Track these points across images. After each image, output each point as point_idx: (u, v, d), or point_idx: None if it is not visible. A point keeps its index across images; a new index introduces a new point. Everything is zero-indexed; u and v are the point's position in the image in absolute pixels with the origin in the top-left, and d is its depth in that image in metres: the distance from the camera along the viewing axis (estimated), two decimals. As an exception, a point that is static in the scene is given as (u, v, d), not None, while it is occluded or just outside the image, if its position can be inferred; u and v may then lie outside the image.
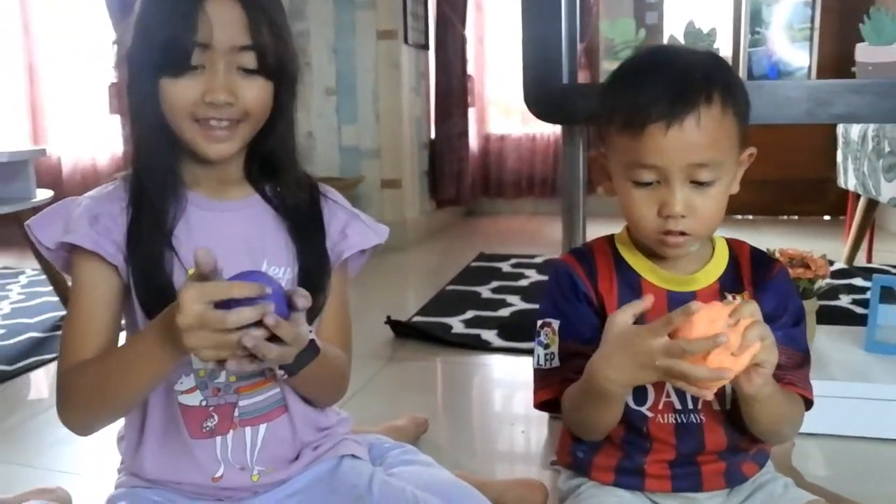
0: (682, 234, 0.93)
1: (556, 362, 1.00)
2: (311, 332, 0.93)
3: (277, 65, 0.95)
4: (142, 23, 0.93)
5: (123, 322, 1.02)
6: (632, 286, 1.01)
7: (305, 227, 1.04)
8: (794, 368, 0.98)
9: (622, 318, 0.90)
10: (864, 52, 1.60)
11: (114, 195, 0.98)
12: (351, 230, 1.08)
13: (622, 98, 0.93)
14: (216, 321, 0.80)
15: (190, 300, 0.80)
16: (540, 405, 1.03)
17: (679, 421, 1.00)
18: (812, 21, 1.64)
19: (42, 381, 2.13)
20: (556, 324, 1.01)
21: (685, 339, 0.82)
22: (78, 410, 0.96)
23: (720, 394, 0.99)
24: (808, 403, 1.01)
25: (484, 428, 1.82)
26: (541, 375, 1.03)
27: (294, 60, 0.99)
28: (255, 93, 0.94)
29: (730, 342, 0.81)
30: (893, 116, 1.47)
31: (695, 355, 0.81)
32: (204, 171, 1.00)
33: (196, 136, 0.94)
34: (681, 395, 1.00)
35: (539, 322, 1.03)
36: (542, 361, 1.02)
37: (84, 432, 0.99)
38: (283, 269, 1.01)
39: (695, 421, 1.00)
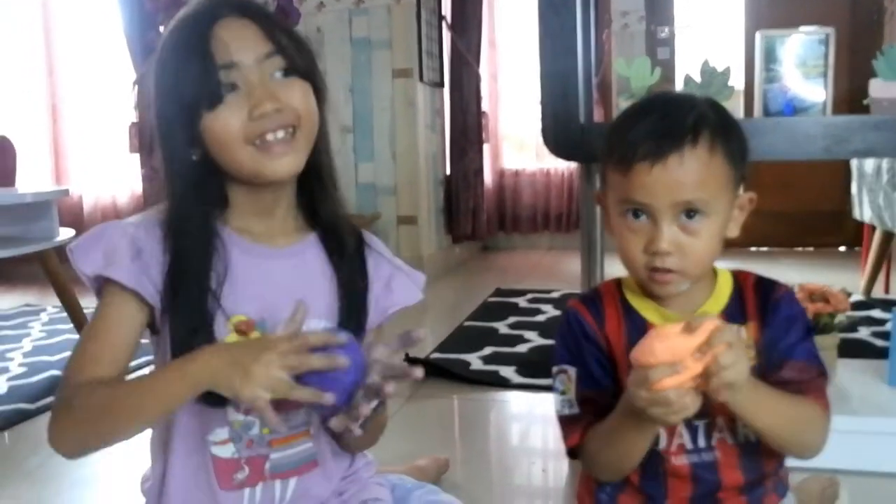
0: (670, 271, 0.94)
1: (575, 409, 1.01)
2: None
3: (305, 65, 0.95)
4: (165, 64, 0.93)
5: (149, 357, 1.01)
6: (638, 329, 1.00)
7: (352, 280, 1.02)
8: (811, 380, 0.98)
9: None
10: (878, 88, 1.61)
11: (157, 230, 0.95)
12: (396, 284, 1.07)
13: (616, 136, 0.97)
14: (286, 387, 0.82)
15: (274, 361, 0.81)
16: (570, 453, 1.03)
17: (693, 461, 1.00)
18: (826, 57, 1.66)
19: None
20: (571, 371, 1.02)
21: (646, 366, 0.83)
22: (75, 428, 0.91)
23: (732, 428, 0.99)
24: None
25: (504, 466, 1.81)
26: (564, 422, 1.02)
27: (317, 67, 0.98)
28: (297, 92, 0.93)
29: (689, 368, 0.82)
30: (911, 152, 1.48)
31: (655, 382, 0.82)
32: (256, 208, 0.98)
33: (256, 158, 0.91)
34: (692, 434, 1.00)
35: (554, 369, 1.04)
36: (560, 408, 1.02)
37: (70, 454, 0.94)
38: (319, 322, 0.98)
39: (709, 459, 1.00)
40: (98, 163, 4.60)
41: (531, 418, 2.09)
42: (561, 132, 1.55)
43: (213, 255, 0.95)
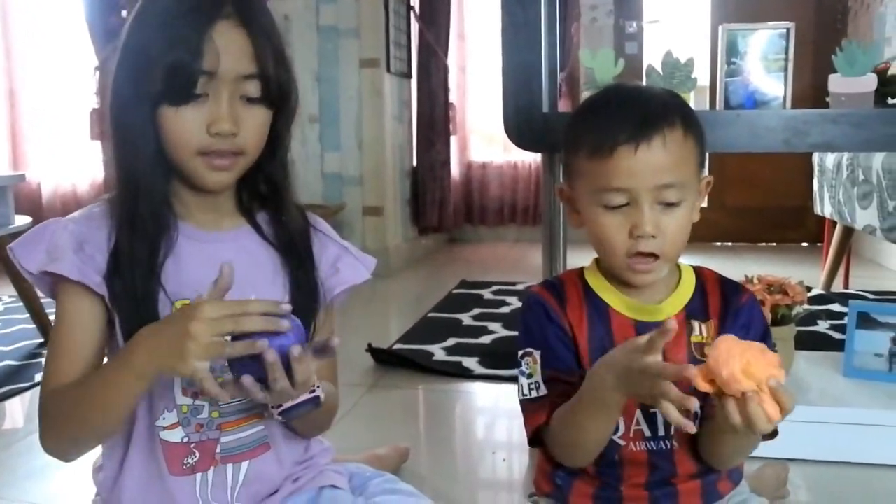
0: (652, 255, 0.95)
1: (542, 390, 1.01)
2: (318, 386, 0.92)
3: (279, 93, 0.94)
4: (138, 48, 0.91)
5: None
6: (601, 316, 1.02)
7: (297, 260, 1.02)
8: None
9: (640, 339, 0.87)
10: (837, 83, 1.62)
11: (99, 220, 0.95)
12: (342, 264, 1.07)
13: (589, 126, 0.98)
14: (220, 349, 0.82)
15: (203, 332, 0.81)
16: (533, 436, 1.03)
17: (650, 448, 1.01)
18: (786, 52, 1.67)
19: (18, 411, 2.10)
20: (536, 353, 1.02)
21: (663, 363, 0.82)
22: (60, 434, 0.94)
23: (688, 418, 1.00)
24: (774, 430, 1.01)
25: (465, 456, 1.81)
26: (529, 405, 1.02)
27: (294, 88, 0.98)
28: (256, 122, 0.93)
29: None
30: (868, 146, 1.50)
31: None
32: (197, 200, 0.98)
33: (199, 166, 0.92)
34: (651, 422, 1.01)
35: (520, 353, 1.04)
36: (527, 391, 1.02)
37: (66, 457, 0.97)
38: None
39: (665, 447, 1.02)
40: (58, 150, 4.51)
41: (493, 409, 2.09)
42: (523, 122, 1.55)
43: (159, 237, 0.94)
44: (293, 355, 0.83)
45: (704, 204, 0.91)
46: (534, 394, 1.01)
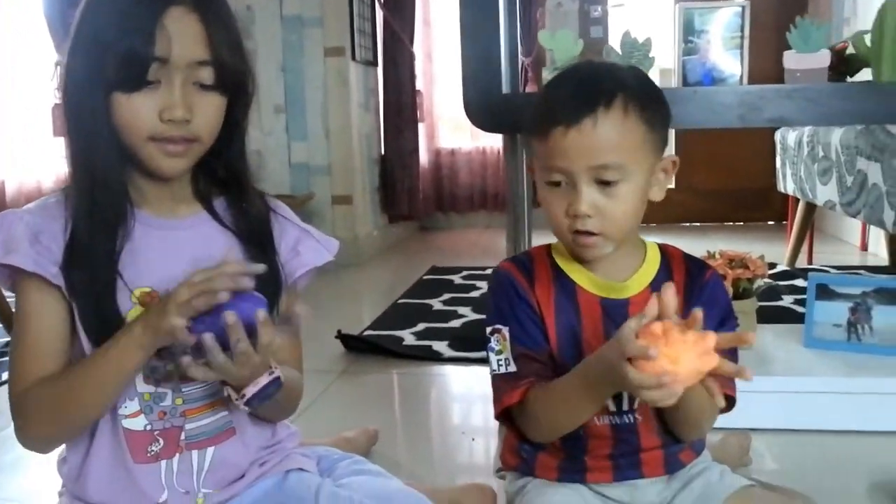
0: (591, 234, 0.96)
1: (511, 367, 1.01)
2: (276, 369, 0.92)
3: (233, 80, 0.94)
4: (90, 36, 0.90)
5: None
6: (568, 294, 1.03)
7: (257, 245, 1.02)
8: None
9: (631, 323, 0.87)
10: (791, 60, 1.66)
11: (55, 211, 0.95)
12: (303, 247, 1.07)
13: (536, 107, 1.00)
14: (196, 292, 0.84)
15: (182, 292, 0.84)
16: (503, 412, 1.03)
17: (614, 422, 1.03)
18: (742, 30, 1.70)
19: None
20: (505, 330, 1.03)
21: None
22: (41, 427, 0.94)
23: None
24: (732, 401, 1.03)
25: (435, 438, 1.83)
26: (500, 381, 1.03)
27: (250, 74, 0.98)
28: (210, 109, 0.93)
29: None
30: (822, 120, 1.53)
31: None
32: (153, 187, 0.97)
33: (153, 152, 0.91)
34: (617, 397, 1.02)
35: (488, 329, 1.05)
36: (496, 367, 1.03)
37: (46, 449, 0.98)
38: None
39: (629, 421, 1.03)
40: (21, 147, 4.44)
41: (463, 391, 2.11)
42: (484, 103, 1.56)
43: (116, 224, 0.94)
44: (258, 318, 0.84)
45: (672, 185, 0.92)
46: (503, 370, 1.02)
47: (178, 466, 0.98)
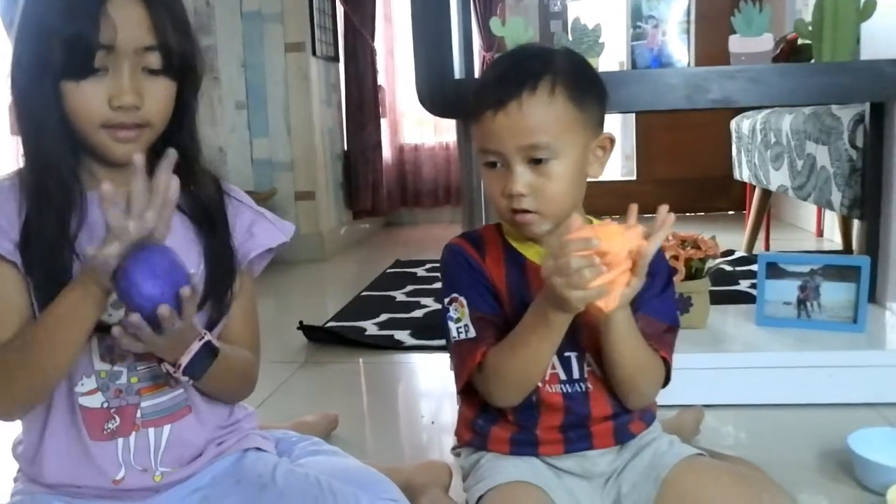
0: (528, 211, 0.99)
1: (471, 332, 1.03)
2: (206, 334, 0.94)
3: (182, 63, 0.95)
4: (36, 25, 0.90)
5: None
6: (518, 265, 1.07)
7: (211, 226, 1.03)
8: (657, 335, 1.04)
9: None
10: (736, 44, 1.70)
11: (9, 193, 0.95)
12: (257, 229, 1.08)
13: (472, 91, 1.04)
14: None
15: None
16: (466, 381, 1.05)
17: (565, 391, 1.06)
18: (689, 15, 1.74)
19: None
20: (462, 298, 1.05)
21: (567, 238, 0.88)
22: (5, 394, 0.93)
23: (600, 361, 1.05)
24: (668, 372, 1.06)
25: (395, 422, 1.85)
26: (461, 347, 1.04)
27: (198, 56, 0.98)
28: (160, 94, 0.93)
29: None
30: (764, 98, 1.57)
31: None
32: (106, 172, 0.97)
33: (104, 139, 0.92)
34: (566, 366, 1.06)
35: (446, 300, 1.06)
36: (456, 334, 1.05)
37: (10, 417, 0.98)
38: (190, 271, 0.99)
39: (580, 390, 1.06)
40: (-23, 147, 4.38)
41: (424, 377, 2.13)
42: (436, 89, 1.58)
43: (69, 209, 0.94)
44: (183, 295, 0.86)
45: (633, 176, 0.96)
46: (463, 336, 1.04)
47: (136, 444, 0.99)
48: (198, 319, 0.96)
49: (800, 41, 1.90)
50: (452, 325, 1.05)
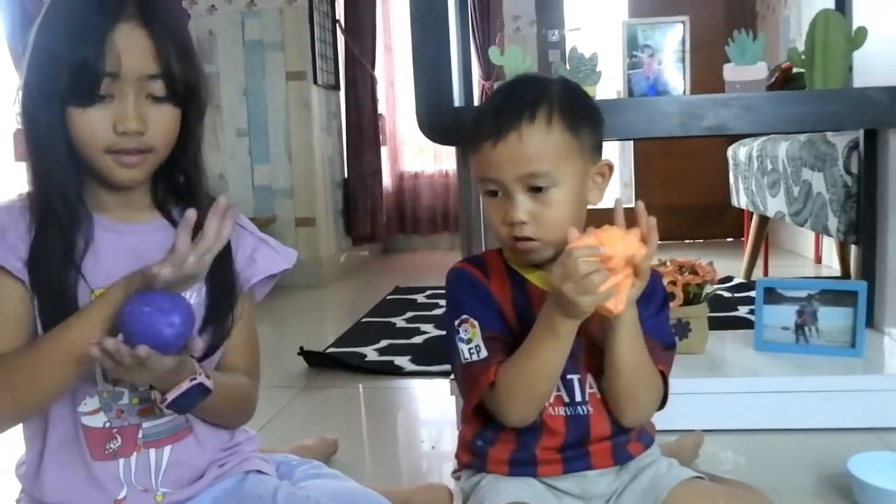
0: (530, 239, 1.01)
1: (483, 353, 1.03)
2: (200, 373, 0.94)
3: (186, 91, 0.96)
4: (44, 52, 0.92)
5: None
6: (521, 289, 1.08)
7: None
8: (654, 352, 1.05)
9: None
10: (731, 72, 1.73)
11: (20, 213, 0.97)
12: (259, 255, 1.09)
13: (470, 121, 1.06)
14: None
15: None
16: (477, 402, 1.05)
17: (568, 413, 1.07)
18: (683, 44, 1.77)
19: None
20: (473, 319, 1.05)
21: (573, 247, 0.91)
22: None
23: (600, 383, 1.06)
24: (665, 389, 1.07)
25: (396, 446, 1.85)
26: (473, 368, 1.04)
27: (202, 83, 1.00)
28: (164, 120, 0.95)
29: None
30: (757, 125, 1.59)
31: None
32: (110, 195, 1.00)
33: (109, 164, 0.94)
34: (569, 389, 1.07)
35: (456, 322, 1.06)
36: (468, 355, 1.04)
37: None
38: (191, 293, 1.01)
39: (582, 412, 1.07)
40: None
41: (424, 403, 2.13)
42: (434, 116, 1.60)
43: (75, 232, 0.96)
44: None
45: (632, 203, 0.99)
46: (475, 356, 1.03)
47: (137, 464, 1.00)
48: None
49: (794, 70, 1.94)
50: (463, 347, 1.05)
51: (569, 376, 1.06)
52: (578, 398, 1.07)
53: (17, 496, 1.05)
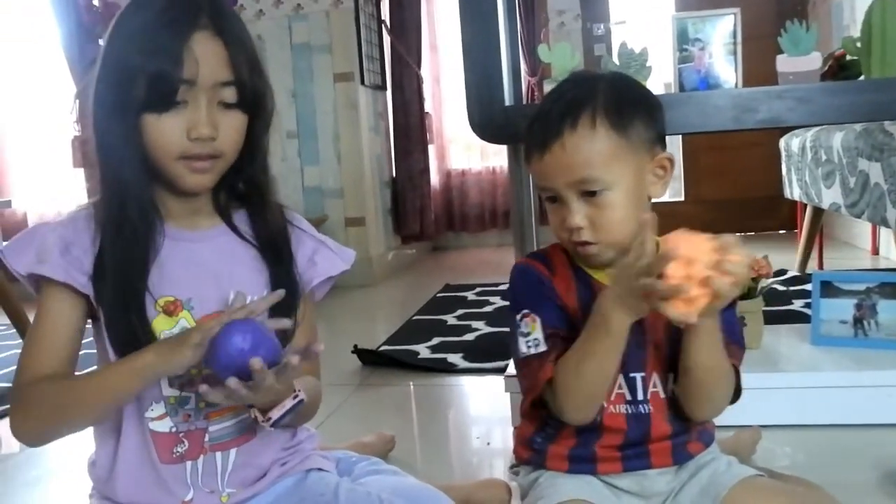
0: (588, 243, 1.01)
1: (542, 346, 1.04)
2: (299, 390, 0.97)
3: (254, 98, 0.99)
4: (119, 62, 0.95)
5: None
6: (587, 285, 1.08)
7: (276, 255, 1.07)
8: (725, 346, 1.05)
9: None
10: (783, 63, 1.70)
11: (85, 223, 0.99)
12: (319, 257, 1.11)
13: (524, 131, 1.07)
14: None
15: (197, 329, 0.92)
16: (537, 397, 1.05)
17: (629, 411, 1.07)
18: (734, 36, 1.75)
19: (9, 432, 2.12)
20: (534, 314, 1.06)
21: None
22: (35, 423, 0.98)
23: (664, 382, 1.06)
24: (738, 384, 1.06)
25: (451, 442, 1.86)
26: (531, 362, 1.04)
27: (269, 92, 1.02)
28: (233, 126, 0.98)
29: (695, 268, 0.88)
30: (813, 118, 1.57)
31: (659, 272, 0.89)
32: (177, 202, 1.02)
33: (180, 169, 0.96)
34: (632, 387, 1.07)
35: (517, 315, 1.07)
36: (525, 349, 1.05)
37: (40, 443, 1.02)
38: (252, 298, 1.03)
39: (643, 411, 1.07)
40: (42, 179, 4.55)
41: (476, 399, 2.15)
42: (486, 115, 1.61)
43: (146, 242, 0.99)
44: (291, 362, 0.90)
45: (681, 197, 0.97)
46: (533, 350, 1.04)
47: (203, 467, 1.02)
48: None
49: (847, 57, 1.90)
50: (522, 341, 1.05)
51: (632, 374, 1.06)
52: (640, 396, 1.07)
53: (90, 492, 1.09)
